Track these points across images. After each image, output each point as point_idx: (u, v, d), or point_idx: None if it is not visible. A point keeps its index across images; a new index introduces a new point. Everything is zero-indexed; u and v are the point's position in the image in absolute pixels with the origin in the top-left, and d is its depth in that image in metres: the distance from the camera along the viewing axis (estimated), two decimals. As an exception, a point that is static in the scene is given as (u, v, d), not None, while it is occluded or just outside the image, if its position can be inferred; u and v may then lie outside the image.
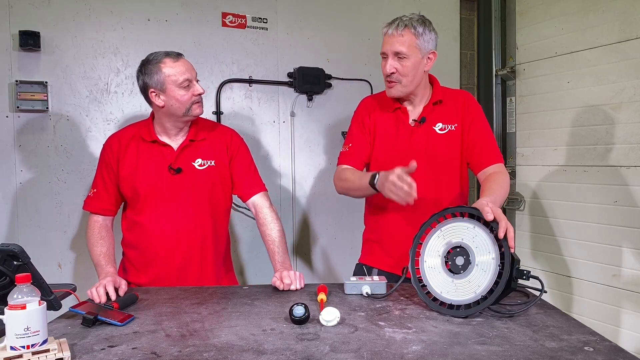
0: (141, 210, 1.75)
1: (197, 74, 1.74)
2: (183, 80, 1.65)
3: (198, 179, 1.75)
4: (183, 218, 1.74)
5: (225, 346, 1.10)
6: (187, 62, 1.70)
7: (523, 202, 3.02)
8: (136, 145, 1.75)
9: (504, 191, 1.57)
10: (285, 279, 1.57)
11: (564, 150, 2.77)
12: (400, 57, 1.65)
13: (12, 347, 1.00)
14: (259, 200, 1.82)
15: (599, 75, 2.59)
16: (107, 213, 1.80)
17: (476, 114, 1.74)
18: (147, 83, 1.67)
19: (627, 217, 2.47)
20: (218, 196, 1.81)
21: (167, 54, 1.67)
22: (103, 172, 1.78)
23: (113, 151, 1.76)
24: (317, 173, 2.87)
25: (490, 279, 1.27)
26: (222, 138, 1.82)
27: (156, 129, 1.77)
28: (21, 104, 2.25)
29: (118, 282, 1.55)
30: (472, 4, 3.23)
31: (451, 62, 3.14)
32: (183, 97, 1.66)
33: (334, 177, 1.83)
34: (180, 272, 1.75)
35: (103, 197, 1.78)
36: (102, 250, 1.72)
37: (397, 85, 1.69)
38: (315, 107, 2.84)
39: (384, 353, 1.05)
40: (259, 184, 1.85)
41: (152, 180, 1.72)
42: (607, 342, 1.09)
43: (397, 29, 1.63)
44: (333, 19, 2.85)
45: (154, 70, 1.65)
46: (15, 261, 1.21)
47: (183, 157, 1.75)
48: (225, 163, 1.80)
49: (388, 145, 1.77)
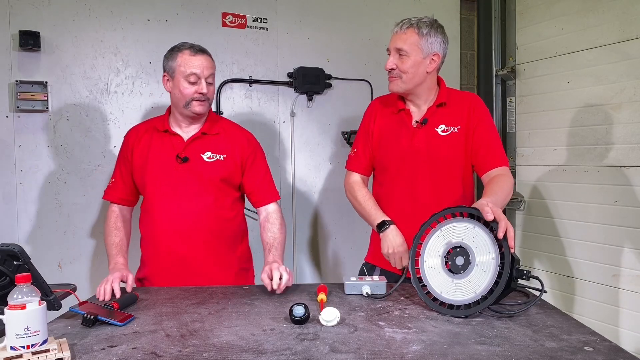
0: (149, 199, 1.78)
1: (212, 75, 1.74)
2: (190, 74, 1.67)
3: (204, 171, 1.74)
4: (185, 208, 1.73)
5: (225, 346, 1.10)
6: (207, 60, 1.71)
7: (523, 202, 3.02)
8: (150, 136, 1.80)
9: (505, 193, 1.57)
10: (274, 271, 1.52)
11: (564, 150, 2.77)
12: (401, 54, 1.69)
13: (12, 347, 1.00)
14: (272, 209, 1.82)
15: (598, 75, 2.59)
16: (124, 203, 1.85)
17: (482, 117, 1.74)
18: (164, 66, 1.75)
19: (627, 217, 2.47)
20: (225, 190, 1.79)
21: (191, 46, 1.72)
22: (120, 163, 1.84)
23: (129, 142, 1.82)
24: (317, 173, 2.87)
25: (490, 279, 1.27)
26: (239, 138, 1.82)
27: (170, 120, 1.81)
28: (21, 104, 2.26)
29: (125, 276, 1.59)
30: (472, 4, 3.23)
31: (451, 62, 3.13)
32: (185, 90, 1.69)
33: (345, 182, 1.92)
34: (182, 263, 1.74)
35: (120, 187, 1.83)
36: (114, 240, 1.77)
37: (398, 81, 1.72)
38: (315, 107, 2.84)
39: (384, 353, 1.05)
40: (273, 193, 1.85)
41: (160, 168, 1.75)
42: (607, 342, 1.09)
43: (402, 27, 1.70)
44: (333, 19, 2.85)
45: (172, 57, 1.72)
46: (15, 261, 1.21)
47: (192, 147, 1.76)
48: (236, 161, 1.79)
49: (390, 146, 1.79)
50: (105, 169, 2.43)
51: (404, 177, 1.76)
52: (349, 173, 1.92)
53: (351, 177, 1.90)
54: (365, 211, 1.82)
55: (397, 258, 1.70)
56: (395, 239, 1.70)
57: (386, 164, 1.81)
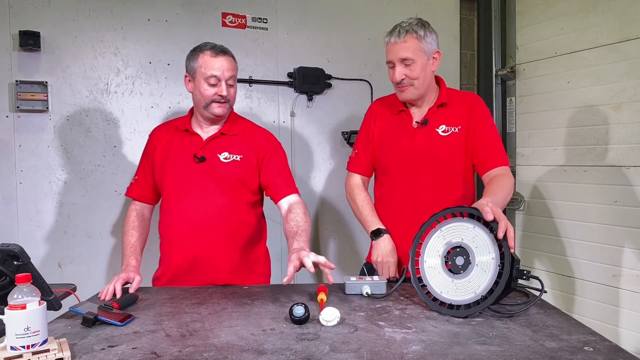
0: (165, 198, 1.79)
1: (233, 77, 1.71)
2: (210, 76, 1.67)
3: (220, 171, 1.73)
4: (199, 207, 1.72)
5: (225, 346, 1.10)
6: (228, 62, 1.69)
7: (523, 202, 3.02)
8: (172, 135, 1.81)
9: (506, 193, 1.57)
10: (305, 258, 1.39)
11: (564, 150, 2.77)
12: (407, 64, 1.67)
13: (12, 347, 1.00)
14: (294, 200, 1.74)
15: (598, 75, 2.59)
16: (145, 200, 1.86)
17: (482, 117, 1.74)
18: (186, 66, 1.74)
19: (627, 217, 2.47)
20: (241, 192, 1.76)
21: (212, 47, 1.70)
22: (144, 160, 1.86)
23: (153, 140, 1.84)
24: (317, 173, 2.87)
25: (490, 279, 1.27)
26: (257, 138, 1.80)
27: (192, 119, 1.81)
28: (21, 104, 2.26)
29: (131, 278, 1.58)
30: (472, 4, 3.23)
31: (451, 62, 3.14)
32: (205, 92, 1.68)
33: (346, 183, 1.93)
34: (195, 264, 1.72)
35: (142, 184, 1.85)
36: (130, 240, 1.77)
37: (410, 89, 1.70)
38: (315, 107, 2.84)
39: (383, 353, 1.05)
40: (293, 186, 1.79)
41: (178, 168, 1.75)
42: (607, 342, 1.09)
43: (400, 36, 1.66)
44: (333, 19, 2.85)
45: (193, 57, 1.71)
46: (15, 261, 1.21)
47: (210, 147, 1.75)
48: (253, 162, 1.76)
49: (391, 146, 1.79)
50: (106, 169, 2.43)
51: (405, 178, 1.76)
52: (350, 174, 1.92)
53: (352, 178, 1.91)
54: (362, 216, 1.84)
55: (385, 268, 1.74)
56: (386, 248, 1.74)
57: (387, 165, 1.81)
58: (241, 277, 1.76)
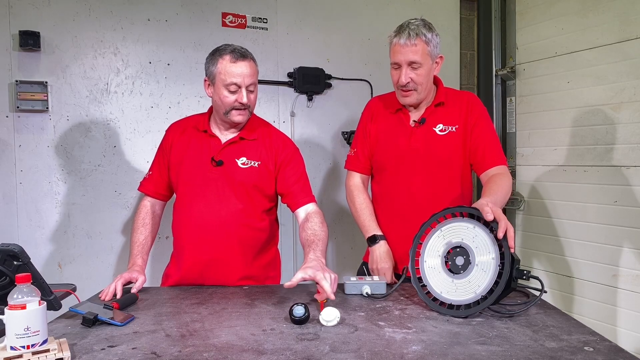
0: (180, 198, 1.76)
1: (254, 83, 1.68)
2: (230, 83, 1.61)
3: (237, 176, 1.70)
4: (213, 211, 1.69)
5: (225, 346, 1.10)
6: (248, 68, 1.64)
7: (523, 202, 3.02)
8: (190, 134, 1.77)
9: (504, 192, 1.57)
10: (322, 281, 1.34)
11: (564, 150, 2.77)
12: (414, 67, 1.65)
13: (12, 347, 1.00)
14: (311, 209, 1.72)
15: (598, 75, 2.59)
16: (157, 197, 1.84)
17: (480, 116, 1.74)
18: (205, 70, 1.69)
19: (627, 217, 2.47)
20: (256, 198, 1.73)
21: (233, 51, 1.64)
22: (159, 156, 1.83)
23: (169, 137, 1.81)
24: (317, 173, 2.87)
25: (490, 279, 1.27)
26: (275, 143, 1.76)
27: (211, 120, 1.78)
28: (21, 104, 2.26)
29: (135, 278, 1.57)
30: (472, 4, 3.23)
31: (451, 62, 3.14)
32: (225, 99, 1.64)
33: (346, 183, 1.93)
34: (205, 266, 1.70)
35: (156, 180, 1.82)
36: (139, 238, 1.75)
37: (414, 93, 1.70)
38: (315, 107, 2.84)
39: (383, 353, 1.05)
40: (309, 195, 1.76)
41: (194, 169, 1.72)
42: (607, 342, 1.09)
43: (410, 38, 1.63)
44: (333, 19, 2.85)
45: (213, 61, 1.65)
46: (15, 261, 1.21)
47: (228, 151, 1.72)
48: (270, 168, 1.73)
49: (388, 145, 1.79)
50: (106, 169, 2.43)
51: (402, 177, 1.76)
52: (350, 173, 1.91)
53: (352, 178, 1.90)
54: (360, 220, 1.84)
55: (381, 274, 1.74)
56: (381, 255, 1.75)
57: (384, 164, 1.81)
58: (252, 282, 1.73)
